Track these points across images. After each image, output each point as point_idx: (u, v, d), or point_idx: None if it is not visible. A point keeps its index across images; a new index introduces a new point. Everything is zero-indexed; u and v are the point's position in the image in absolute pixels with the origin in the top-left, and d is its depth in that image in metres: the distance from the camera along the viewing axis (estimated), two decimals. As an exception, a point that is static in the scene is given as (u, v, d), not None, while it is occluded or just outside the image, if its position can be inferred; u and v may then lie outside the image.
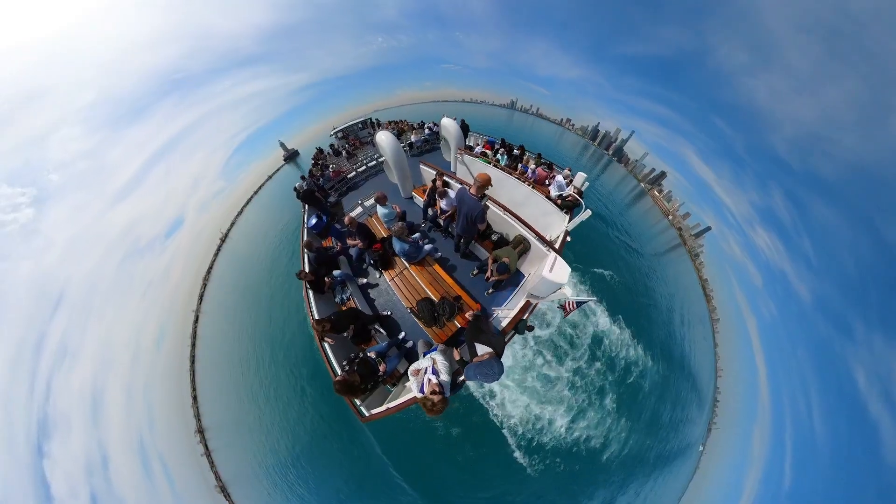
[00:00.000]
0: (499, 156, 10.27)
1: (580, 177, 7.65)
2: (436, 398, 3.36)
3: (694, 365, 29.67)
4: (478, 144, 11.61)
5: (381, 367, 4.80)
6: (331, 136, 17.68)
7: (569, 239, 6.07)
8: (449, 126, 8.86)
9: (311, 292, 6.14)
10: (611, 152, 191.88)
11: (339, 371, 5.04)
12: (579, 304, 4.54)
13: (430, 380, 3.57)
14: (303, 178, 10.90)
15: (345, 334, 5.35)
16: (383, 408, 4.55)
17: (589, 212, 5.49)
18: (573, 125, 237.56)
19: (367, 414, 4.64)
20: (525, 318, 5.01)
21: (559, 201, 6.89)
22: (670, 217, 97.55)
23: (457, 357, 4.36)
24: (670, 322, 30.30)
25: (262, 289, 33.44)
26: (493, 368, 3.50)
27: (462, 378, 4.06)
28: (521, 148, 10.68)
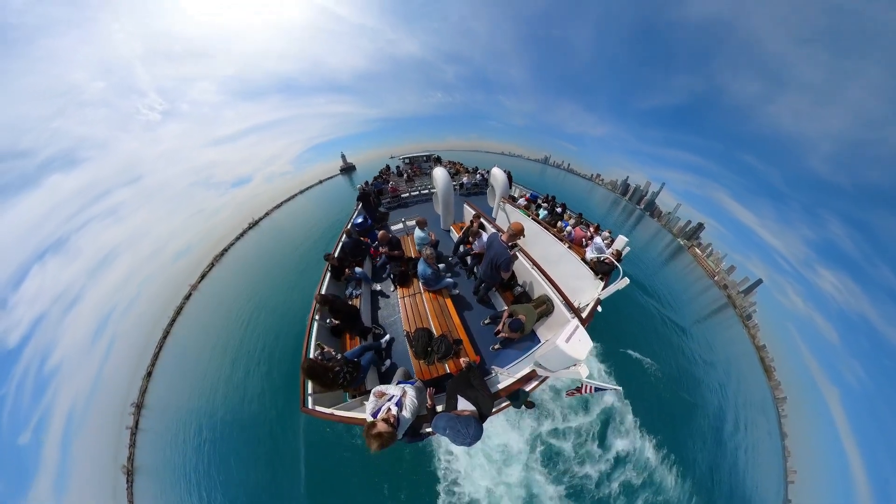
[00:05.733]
0: (540, 210, 10.18)
1: (621, 240, 7.00)
2: (383, 428, 2.90)
3: (752, 475, 21.64)
4: (521, 196, 11.78)
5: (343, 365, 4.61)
6: (399, 159, 19.11)
7: (599, 309, 5.51)
8: (498, 175, 9.25)
9: (328, 274, 6.71)
10: (642, 206, 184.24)
11: (312, 354, 4.98)
12: (597, 389, 3.66)
13: (389, 408, 3.16)
14: (366, 183, 12.74)
15: (328, 321, 5.61)
16: (328, 410, 4.18)
17: (626, 280, 4.95)
18: (602, 180, 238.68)
19: (310, 406, 4.29)
20: (528, 390, 4.46)
21: (594, 264, 6.41)
22: (716, 278, 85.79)
23: (428, 403, 3.90)
24: (720, 423, 22.77)
25: (263, 286, 32.92)
26: (468, 428, 2.98)
27: (428, 429, 3.59)
28: (563, 205, 10.56)
